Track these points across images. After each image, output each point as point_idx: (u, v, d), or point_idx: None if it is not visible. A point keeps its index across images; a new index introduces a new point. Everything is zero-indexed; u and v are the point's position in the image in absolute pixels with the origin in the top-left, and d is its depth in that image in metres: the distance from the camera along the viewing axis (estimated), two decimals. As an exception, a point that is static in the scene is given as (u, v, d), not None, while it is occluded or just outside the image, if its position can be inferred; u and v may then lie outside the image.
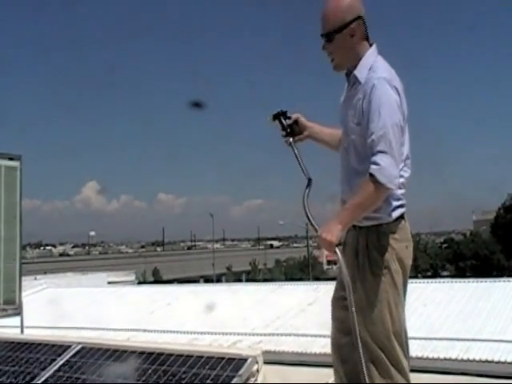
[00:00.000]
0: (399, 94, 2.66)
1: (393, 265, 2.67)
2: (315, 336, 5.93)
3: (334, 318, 2.85)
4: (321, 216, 2.80)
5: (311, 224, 2.74)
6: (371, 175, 2.54)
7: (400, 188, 2.69)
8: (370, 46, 2.79)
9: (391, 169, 2.55)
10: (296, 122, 3.06)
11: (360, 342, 2.55)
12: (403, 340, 2.68)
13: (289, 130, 3.05)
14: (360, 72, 2.73)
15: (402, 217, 2.73)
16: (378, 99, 2.61)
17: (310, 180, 2.86)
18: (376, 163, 2.54)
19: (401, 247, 2.70)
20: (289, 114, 3.09)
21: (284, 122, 3.06)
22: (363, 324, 2.62)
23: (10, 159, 6.23)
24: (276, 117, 3.08)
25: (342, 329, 2.73)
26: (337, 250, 2.60)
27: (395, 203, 2.71)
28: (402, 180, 2.68)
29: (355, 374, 2.59)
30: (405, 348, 2.69)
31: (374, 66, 2.71)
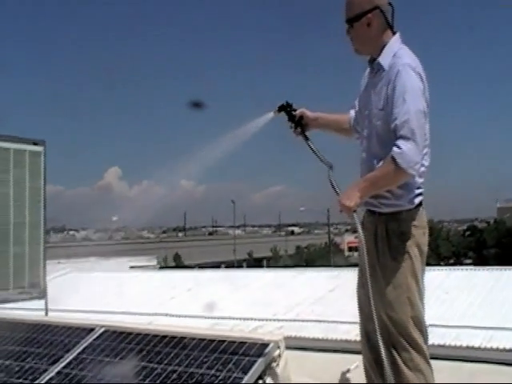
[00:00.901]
0: (423, 81, 2.69)
1: (412, 251, 2.71)
2: (336, 322, 5.93)
3: (359, 304, 2.88)
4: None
5: (333, 189, 2.81)
6: (393, 158, 2.57)
7: (421, 177, 2.74)
8: (394, 34, 2.82)
9: (412, 154, 2.57)
10: (301, 117, 3.12)
11: (381, 327, 2.56)
12: (423, 325, 2.70)
13: (296, 121, 3.10)
14: (384, 59, 2.76)
15: (420, 204, 2.77)
16: (402, 85, 2.63)
17: (330, 167, 2.88)
18: (398, 147, 2.57)
19: (420, 234, 2.75)
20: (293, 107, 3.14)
21: (290, 113, 3.10)
22: (384, 309, 2.65)
23: (35, 144, 6.28)
24: (281, 109, 3.13)
25: (367, 315, 2.75)
26: (354, 216, 2.69)
27: (416, 191, 2.75)
28: (422, 169, 2.71)
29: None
30: (425, 334, 2.70)
31: (398, 53, 2.74)
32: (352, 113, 3.13)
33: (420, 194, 2.77)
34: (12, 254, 5.97)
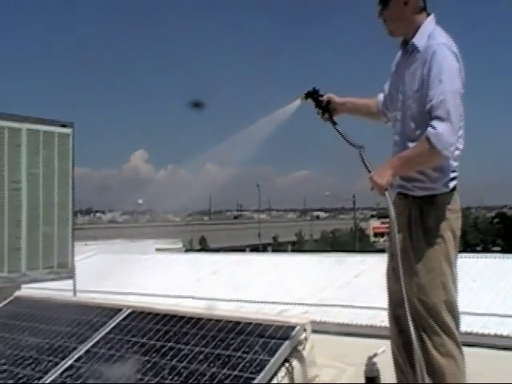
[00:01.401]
0: (459, 61, 2.65)
1: (447, 235, 2.68)
2: (361, 308, 5.91)
3: (389, 289, 2.86)
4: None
5: (365, 166, 2.78)
6: (427, 139, 2.54)
7: (455, 160, 2.70)
8: (428, 16, 2.78)
9: (447, 136, 2.53)
10: (328, 102, 3.09)
11: (412, 312, 2.55)
12: (455, 310, 2.68)
13: (323, 106, 3.07)
14: (418, 40, 2.72)
15: (454, 188, 2.73)
16: (438, 65, 2.59)
17: (362, 148, 2.85)
18: (433, 127, 2.54)
19: (454, 218, 2.71)
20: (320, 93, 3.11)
21: (317, 99, 3.08)
22: (416, 294, 2.62)
23: (63, 126, 6.34)
24: (308, 95, 3.11)
25: (398, 300, 2.72)
26: (386, 194, 2.66)
27: (452, 175, 2.71)
28: (457, 152, 2.67)
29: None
30: (457, 319, 2.68)
31: (433, 34, 2.70)
32: (381, 96, 3.10)
33: (455, 178, 2.73)
34: (41, 234, 6.06)
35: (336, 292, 6.89)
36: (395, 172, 2.69)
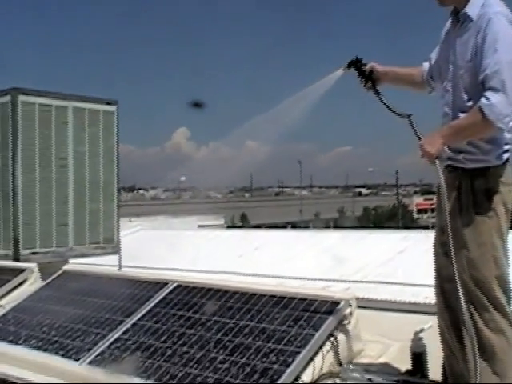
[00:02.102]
0: None
1: (499, 208, 2.61)
2: (405, 285, 5.87)
3: (437, 264, 2.81)
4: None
5: (415, 134, 2.74)
6: (480, 109, 2.48)
7: (509, 132, 2.61)
8: None
9: (502, 107, 2.46)
10: (371, 71, 3.04)
11: (462, 287, 2.50)
12: (507, 286, 2.62)
13: (366, 76, 3.03)
14: (471, 9, 2.63)
15: (507, 160, 2.66)
16: (494, 34, 2.51)
17: (410, 115, 2.80)
18: (487, 98, 2.47)
19: (506, 191, 2.64)
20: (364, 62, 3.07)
21: (360, 68, 3.03)
22: (466, 268, 2.57)
23: (108, 104, 6.43)
24: (351, 64, 3.06)
25: (445, 275, 2.68)
26: (436, 163, 2.61)
27: (505, 147, 2.64)
28: None
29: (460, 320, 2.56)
30: (508, 295, 2.62)
31: (488, 2, 2.61)
32: (425, 65, 3.02)
33: (508, 151, 2.66)
34: (87, 210, 6.19)
35: (379, 269, 6.85)
36: (445, 141, 2.63)
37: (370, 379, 2.92)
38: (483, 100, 2.48)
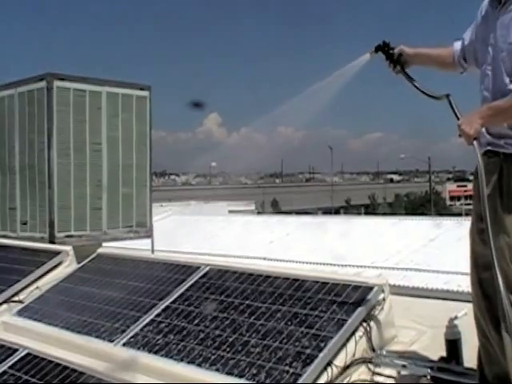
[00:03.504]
0: None
1: None
2: (437, 272, 5.82)
3: (473, 251, 2.75)
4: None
5: (454, 112, 2.68)
6: None
7: None
8: None
9: None
10: (400, 55, 2.98)
11: (502, 274, 2.45)
12: None
13: (395, 59, 2.97)
14: None
15: None
16: None
17: (448, 96, 2.74)
18: None
19: None
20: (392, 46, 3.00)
21: (388, 52, 2.98)
22: (506, 255, 2.52)
23: (141, 89, 6.46)
24: (378, 49, 3.00)
25: (482, 263, 2.62)
26: (474, 143, 2.54)
27: None
28: None
29: (497, 308, 2.51)
30: None
31: None
32: (457, 45, 2.94)
33: None
34: (121, 194, 6.25)
35: (411, 255, 6.81)
36: (484, 122, 2.56)
37: (403, 365, 2.90)
38: None
